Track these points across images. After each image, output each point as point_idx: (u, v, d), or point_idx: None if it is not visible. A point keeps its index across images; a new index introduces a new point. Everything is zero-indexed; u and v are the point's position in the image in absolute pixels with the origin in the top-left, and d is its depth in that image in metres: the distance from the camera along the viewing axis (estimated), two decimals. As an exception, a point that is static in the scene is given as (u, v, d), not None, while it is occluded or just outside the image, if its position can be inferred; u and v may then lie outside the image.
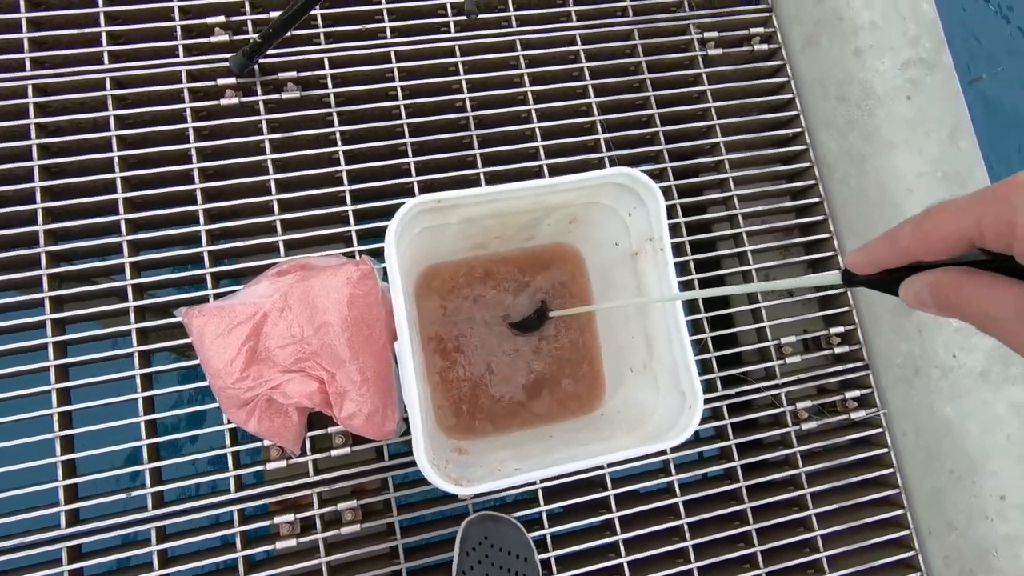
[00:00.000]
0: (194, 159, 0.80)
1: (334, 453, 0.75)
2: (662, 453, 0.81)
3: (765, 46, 0.96)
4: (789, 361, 0.87)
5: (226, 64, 0.81)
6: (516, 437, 0.70)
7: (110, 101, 0.80)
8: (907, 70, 0.93)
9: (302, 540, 0.73)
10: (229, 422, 0.74)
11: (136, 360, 0.75)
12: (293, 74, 0.83)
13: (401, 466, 0.77)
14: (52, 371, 0.73)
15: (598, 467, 0.76)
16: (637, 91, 0.93)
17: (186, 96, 0.81)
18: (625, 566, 0.77)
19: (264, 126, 0.82)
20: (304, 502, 0.76)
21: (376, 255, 0.78)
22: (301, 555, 0.74)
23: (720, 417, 0.84)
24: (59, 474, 0.71)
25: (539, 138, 0.88)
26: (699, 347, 0.84)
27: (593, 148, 0.90)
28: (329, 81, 0.85)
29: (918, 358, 0.86)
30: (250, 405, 0.70)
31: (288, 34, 0.74)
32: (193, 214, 0.79)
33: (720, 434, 0.85)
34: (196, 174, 0.80)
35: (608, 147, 0.89)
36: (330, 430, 0.76)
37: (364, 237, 0.82)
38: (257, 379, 0.69)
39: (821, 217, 0.92)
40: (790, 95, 0.95)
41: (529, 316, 0.74)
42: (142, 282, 0.77)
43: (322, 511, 0.74)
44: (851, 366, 0.88)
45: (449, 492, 0.49)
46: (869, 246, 0.26)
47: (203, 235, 0.78)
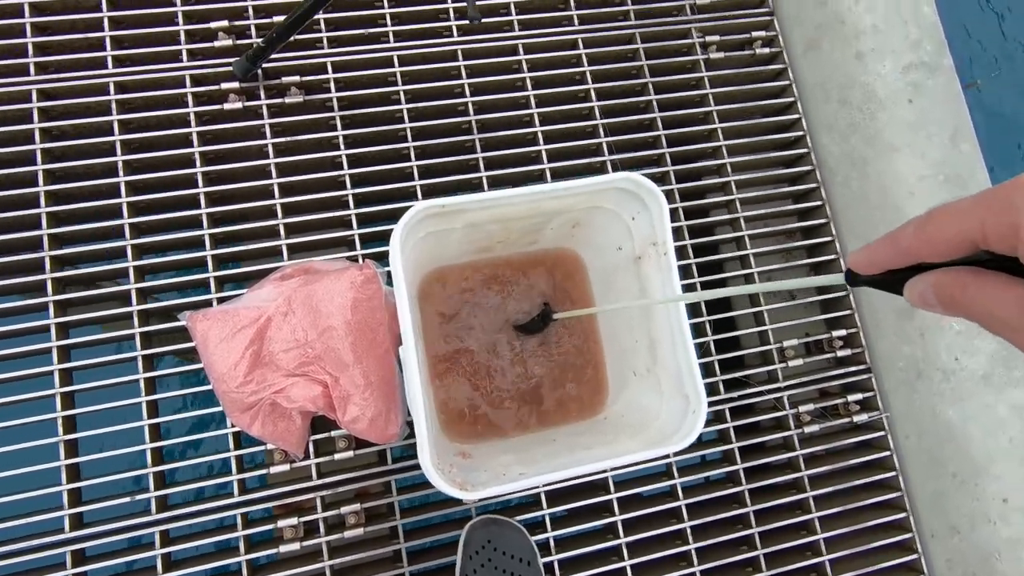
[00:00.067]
0: (198, 163, 0.80)
1: (337, 457, 0.75)
2: (665, 456, 0.81)
3: (767, 50, 0.97)
4: (791, 364, 0.87)
5: (230, 68, 0.82)
6: (519, 441, 0.70)
7: (114, 105, 0.80)
8: (908, 73, 0.93)
9: (305, 544, 0.73)
10: (233, 426, 0.74)
11: (140, 364, 0.75)
12: (296, 78, 0.84)
13: (404, 469, 0.77)
14: (56, 374, 0.73)
15: (601, 471, 0.76)
16: (639, 95, 0.93)
17: (190, 100, 0.81)
18: (628, 569, 0.77)
19: (267, 130, 0.82)
20: (307, 505, 0.76)
21: (379, 258, 0.78)
22: (304, 558, 0.74)
23: (723, 420, 0.84)
24: (63, 478, 0.71)
25: (541, 141, 0.88)
26: (701, 350, 0.84)
27: (595, 151, 0.91)
28: (332, 85, 0.85)
29: (920, 361, 0.86)
30: (254, 409, 0.70)
31: (291, 38, 0.75)
32: (197, 218, 0.79)
33: (723, 437, 0.85)
34: (200, 178, 0.80)
35: (610, 150, 0.89)
36: (333, 434, 0.76)
37: (367, 241, 0.82)
38: (261, 383, 0.69)
39: (823, 220, 0.92)
40: (792, 98, 0.95)
41: (533, 318, 0.74)
42: (146, 286, 0.77)
43: (325, 515, 0.74)
44: (853, 369, 0.88)
45: (454, 497, 0.49)
46: (871, 247, 0.25)
47: (207, 239, 0.79)
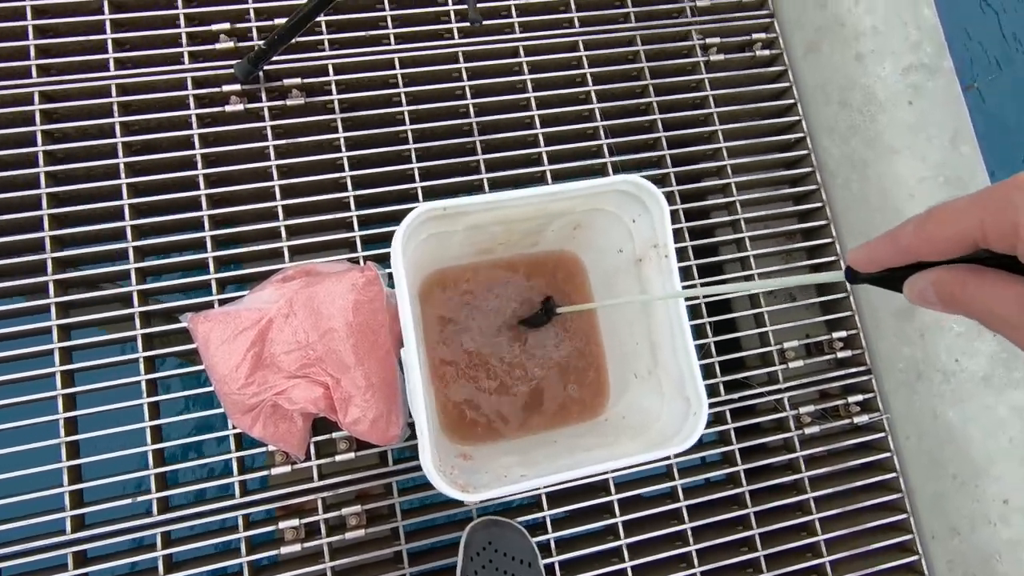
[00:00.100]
0: (199, 165, 0.80)
1: (338, 458, 0.76)
2: (666, 458, 0.81)
3: (767, 52, 0.97)
4: (792, 366, 0.87)
5: (231, 71, 0.82)
6: (520, 443, 0.70)
7: (116, 107, 0.80)
8: (908, 75, 0.93)
9: (306, 545, 0.73)
10: (234, 427, 0.74)
11: (141, 365, 0.75)
12: (297, 80, 0.84)
13: (405, 471, 0.77)
14: (58, 376, 0.73)
15: (602, 472, 0.76)
16: (640, 97, 0.93)
17: (191, 102, 0.82)
18: (629, 570, 0.77)
19: (269, 132, 0.83)
20: (308, 507, 0.76)
21: (380, 260, 0.78)
22: (305, 560, 0.74)
23: (723, 422, 0.84)
24: (64, 479, 0.71)
25: (542, 143, 0.88)
26: (702, 352, 0.84)
27: (596, 153, 0.91)
28: (333, 87, 0.85)
29: (920, 362, 0.86)
30: (255, 410, 0.70)
31: (293, 41, 0.75)
32: (198, 220, 0.79)
33: (723, 439, 0.85)
34: (201, 180, 0.80)
35: (611, 152, 0.89)
36: (334, 435, 0.76)
37: (368, 242, 0.82)
38: (262, 385, 0.69)
39: (823, 222, 0.92)
40: (792, 100, 0.96)
41: (537, 312, 0.74)
42: (147, 288, 0.77)
43: (326, 516, 0.75)
44: (853, 370, 0.89)
45: (455, 498, 0.49)
46: (871, 244, 0.25)
47: (208, 241, 0.79)
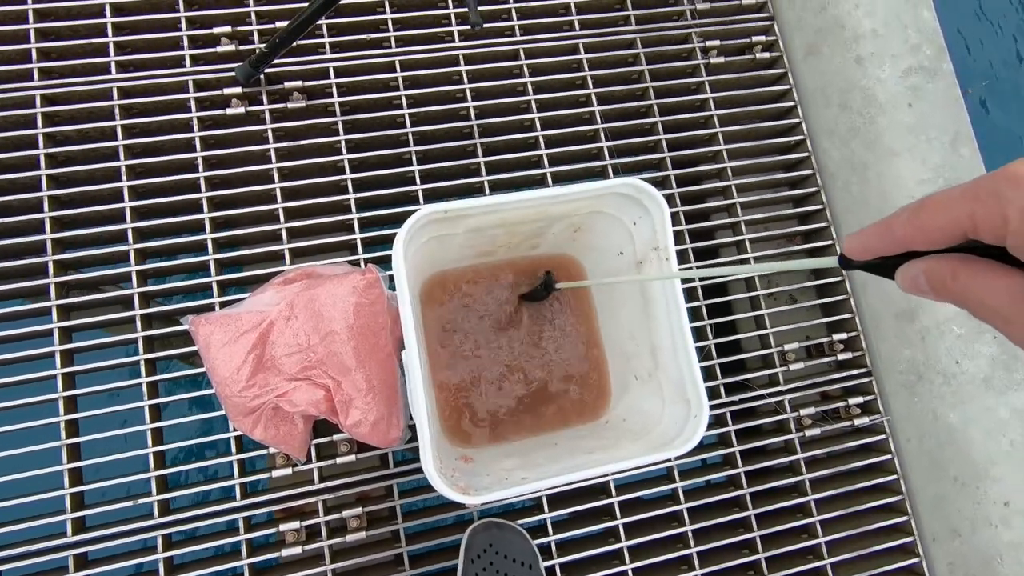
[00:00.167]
0: (200, 168, 0.80)
1: (339, 460, 0.76)
2: (666, 460, 0.81)
3: (767, 54, 0.97)
4: (792, 368, 0.87)
5: (232, 74, 0.82)
6: (521, 445, 0.70)
7: (117, 111, 0.80)
8: (908, 77, 0.94)
9: (307, 547, 0.73)
10: (235, 430, 0.74)
11: (143, 368, 0.75)
12: (299, 83, 0.84)
13: (406, 473, 0.77)
14: (59, 378, 0.73)
15: (603, 475, 0.77)
16: (640, 99, 0.93)
17: (193, 106, 0.82)
18: (630, 572, 0.77)
19: (270, 135, 0.83)
20: (309, 509, 0.76)
21: (380, 262, 0.79)
22: (306, 562, 0.74)
23: (724, 424, 0.84)
24: (65, 482, 0.71)
25: (543, 146, 0.88)
26: (702, 354, 0.84)
27: (596, 156, 0.91)
28: (334, 90, 0.85)
29: (921, 364, 0.87)
30: (256, 413, 0.70)
31: (294, 44, 0.75)
32: (199, 222, 0.79)
33: (724, 441, 0.85)
34: (202, 183, 0.80)
35: (611, 155, 0.89)
36: (335, 437, 0.76)
37: (369, 245, 0.82)
38: (263, 387, 0.69)
39: (823, 224, 0.92)
40: (792, 103, 0.96)
41: (536, 287, 0.74)
42: (149, 290, 0.78)
43: (327, 518, 0.75)
44: (854, 372, 0.89)
45: (456, 501, 0.49)
46: (865, 233, 0.26)
47: (209, 243, 0.79)
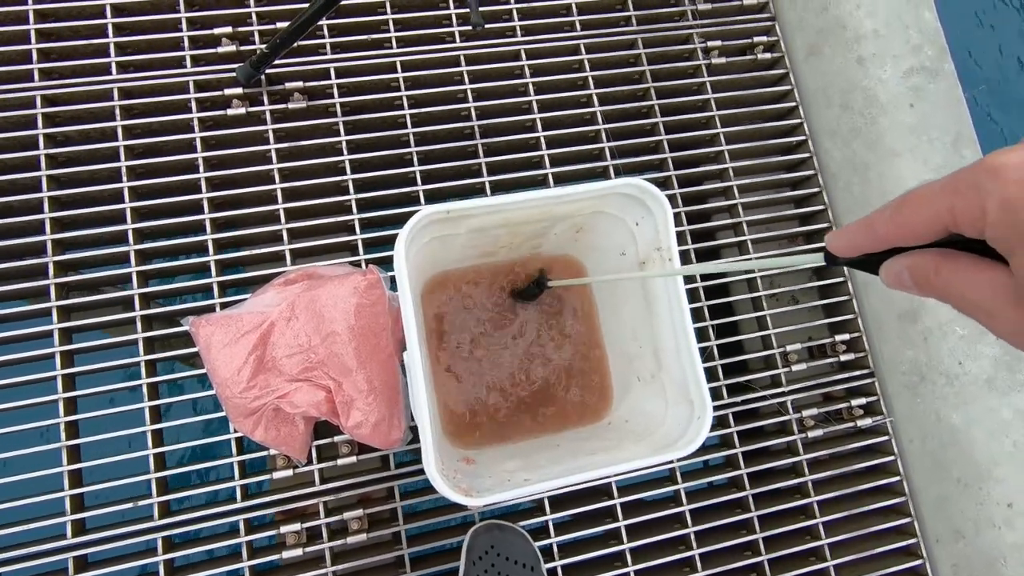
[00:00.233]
0: (201, 169, 0.80)
1: (340, 462, 0.75)
2: (669, 461, 0.81)
3: (768, 55, 0.97)
4: (795, 369, 0.87)
5: (233, 74, 0.82)
6: (523, 446, 0.70)
7: (118, 111, 0.80)
8: (910, 78, 0.93)
9: (308, 549, 0.73)
10: (235, 431, 0.74)
11: (143, 369, 0.75)
12: (299, 84, 0.84)
13: (407, 475, 0.77)
14: (59, 379, 0.73)
15: (607, 476, 0.76)
16: (641, 100, 0.93)
17: (193, 106, 0.82)
18: (632, 574, 0.77)
19: (271, 136, 0.83)
20: (310, 511, 0.76)
21: (382, 263, 0.78)
22: (307, 564, 0.74)
23: (726, 425, 0.84)
24: (65, 484, 0.71)
25: (544, 146, 0.88)
26: (704, 355, 0.84)
27: (598, 156, 0.91)
28: (335, 91, 0.85)
29: (923, 365, 0.86)
30: (257, 414, 0.70)
31: (295, 44, 0.75)
32: (200, 223, 0.79)
33: (726, 442, 0.85)
34: (203, 183, 0.80)
35: (613, 155, 0.89)
36: (336, 439, 0.76)
37: (370, 245, 0.82)
38: (264, 388, 0.69)
39: (825, 225, 0.92)
40: (793, 103, 0.96)
41: (529, 285, 0.74)
42: (149, 291, 0.77)
43: (328, 520, 0.74)
44: (857, 373, 0.88)
45: (458, 503, 0.49)
46: (849, 230, 0.26)
47: (210, 244, 0.79)
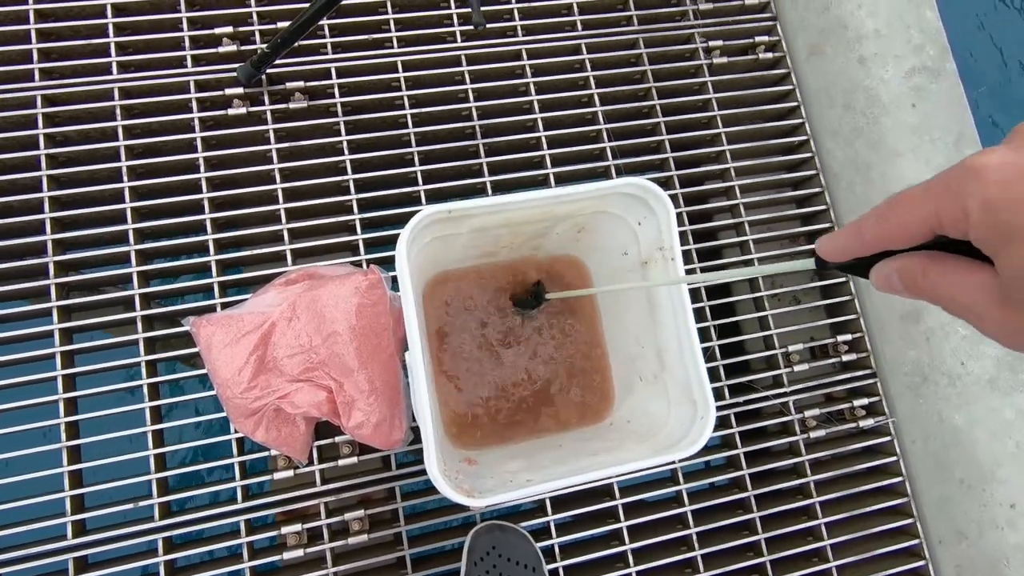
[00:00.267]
0: (202, 168, 0.80)
1: (341, 463, 0.75)
2: (670, 462, 0.80)
3: (770, 54, 0.97)
4: (797, 369, 0.86)
5: (234, 74, 0.82)
6: (525, 447, 0.70)
7: (118, 111, 0.80)
8: (912, 78, 0.93)
9: (309, 550, 0.73)
10: (236, 431, 0.74)
11: (144, 369, 0.74)
12: (300, 84, 0.84)
13: (409, 475, 0.76)
14: (59, 380, 0.73)
15: (610, 477, 0.76)
16: (643, 99, 0.93)
17: (194, 106, 0.81)
18: (634, 575, 0.77)
19: (271, 135, 0.82)
20: (311, 512, 0.75)
21: (383, 263, 0.78)
22: (308, 565, 0.74)
23: (728, 426, 0.83)
24: (65, 484, 0.71)
25: (545, 146, 0.88)
26: (706, 355, 0.84)
27: (599, 156, 0.90)
28: (336, 91, 0.85)
29: (926, 366, 0.86)
30: (258, 415, 0.69)
31: (295, 44, 0.75)
32: (201, 223, 0.79)
33: (728, 443, 0.85)
34: (204, 183, 0.80)
35: (614, 155, 0.89)
36: (337, 439, 0.75)
37: (371, 246, 0.82)
38: (265, 388, 0.69)
39: (827, 225, 0.92)
40: (795, 103, 0.95)
41: (527, 297, 0.75)
42: (150, 291, 0.77)
43: (329, 521, 0.74)
44: (859, 374, 0.88)
45: (461, 504, 0.49)
46: (838, 235, 0.26)
47: (211, 244, 0.78)
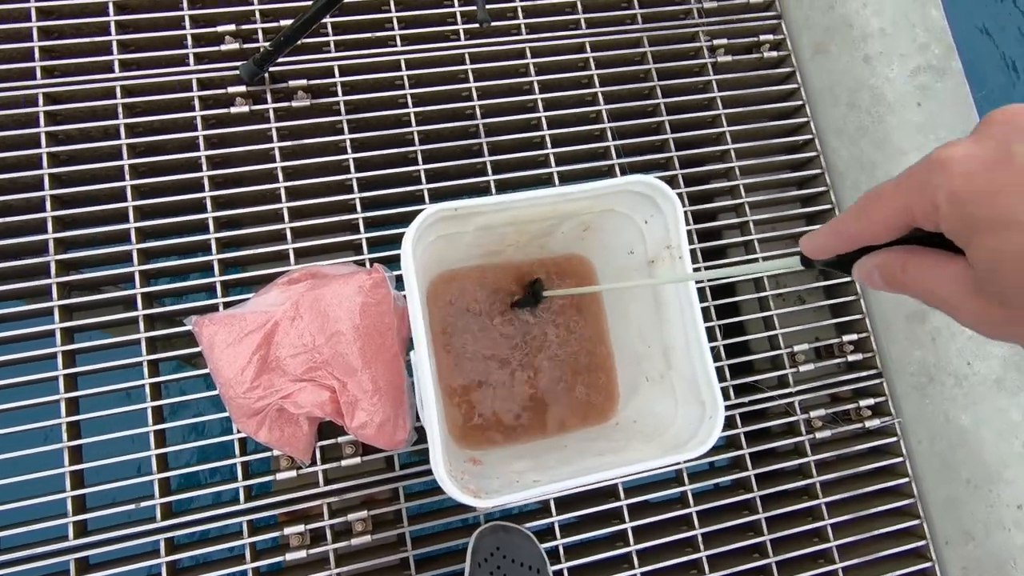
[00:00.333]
0: (204, 167, 0.80)
1: (344, 463, 0.75)
2: (676, 463, 0.80)
3: (775, 53, 0.96)
4: (802, 369, 0.86)
5: (236, 72, 0.81)
6: (530, 447, 0.69)
7: (120, 109, 0.79)
8: (917, 76, 0.93)
9: (312, 551, 0.72)
10: (239, 432, 0.73)
11: (145, 369, 0.74)
12: (303, 82, 0.83)
13: (412, 476, 0.76)
14: (60, 380, 0.72)
15: (618, 477, 0.76)
16: (647, 98, 0.93)
17: (196, 104, 0.81)
18: (639, 577, 0.76)
19: (274, 134, 0.82)
20: (314, 513, 0.75)
21: (386, 262, 0.78)
22: (311, 566, 0.73)
23: (733, 426, 0.83)
24: (67, 485, 0.70)
25: (549, 145, 0.87)
26: (711, 355, 0.83)
27: (603, 155, 0.90)
28: (339, 89, 0.84)
29: (932, 366, 0.86)
30: (261, 415, 0.69)
31: (298, 42, 0.74)
32: (203, 222, 0.79)
33: (733, 443, 0.84)
34: (206, 182, 0.79)
35: (618, 154, 0.88)
36: (340, 440, 0.75)
37: (374, 245, 0.81)
38: (268, 388, 0.68)
39: (832, 224, 0.91)
40: (800, 102, 0.95)
41: (525, 295, 0.74)
42: (151, 291, 0.77)
43: (332, 522, 0.73)
44: (865, 374, 0.88)
45: (468, 504, 0.48)
46: (819, 233, 0.26)
47: (213, 243, 0.78)
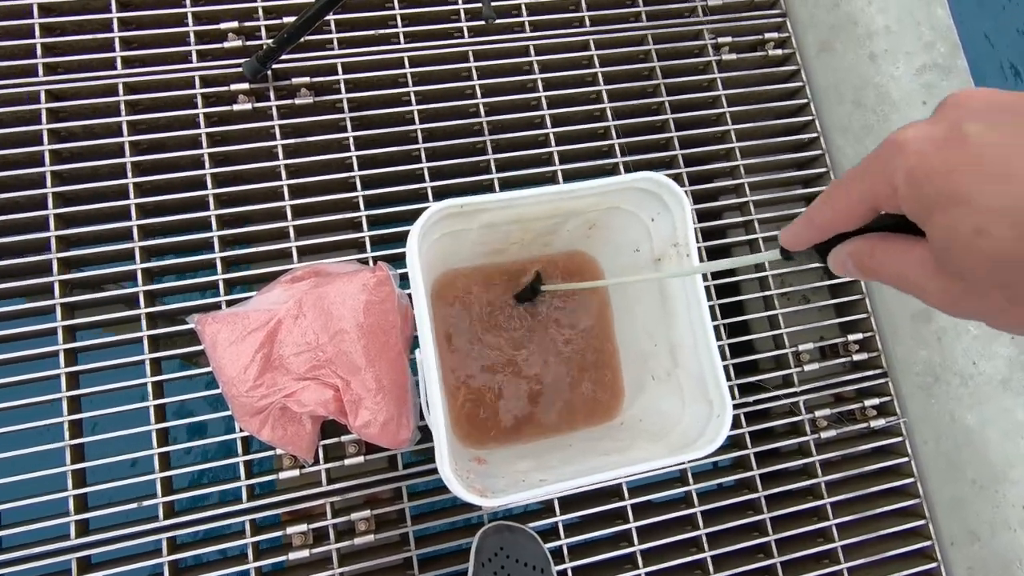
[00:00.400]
0: (207, 164, 0.79)
1: (347, 462, 0.74)
2: (681, 463, 0.80)
3: (779, 51, 0.96)
4: (807, 369, 0.85)
5: (239, 69, 0.81)
6: (535, 446, 0.69)
7: (123, 106, 0.79)
8: (922, 75, 0.92)
9: (315, 551, 0.72)
10: (241, 430, 0.73)
11: (148, 367, 0.74)
12: (306, 79, 0.83)
13: (415, 475, 0.75)
14: (62, 378, 0.72)
15: (623, 477, 0.75)
16: (651, 96, 0.92)
17: (199, 101, 0.81)
18: (643, 577, 0.76)
19: (277, 131, 0.82)
20: (317, 512, 0.74)
21: (389, 261, 0.77)
22: (314, 566, 0.73)
23: (738, 426, 0.83)
24: (69, 483, 0.70)
25: (553, 143, 0.87)
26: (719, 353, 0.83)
27: (607, 153, 0.90)
28: (342, 86, 0.84)
29: (937, 366, 0.85)
30: (264, 413, 0.69)
31: (302, 39, 0.74)
32: (206, 219, 0.78)
33: (737, 443, 0.84)
34: (209, 180, 0.79)
35: (623, 152, 0.88)
36: (343, 439, 0.75)
37: (377, 243, 0.81)
38: (271, 387, 0.68)
39: (837, 223, 0.91)
40: (805, 100, 0.94)
41: (525, 288, 0.74)
42: (154, 289, 0.76)
43: (335, 521, 0.73)
44: (870, 373, 0.87)
45: (474, 504, 0.48)
46: (794, 225, 0.27)
47: (215, 241, 0.78)
